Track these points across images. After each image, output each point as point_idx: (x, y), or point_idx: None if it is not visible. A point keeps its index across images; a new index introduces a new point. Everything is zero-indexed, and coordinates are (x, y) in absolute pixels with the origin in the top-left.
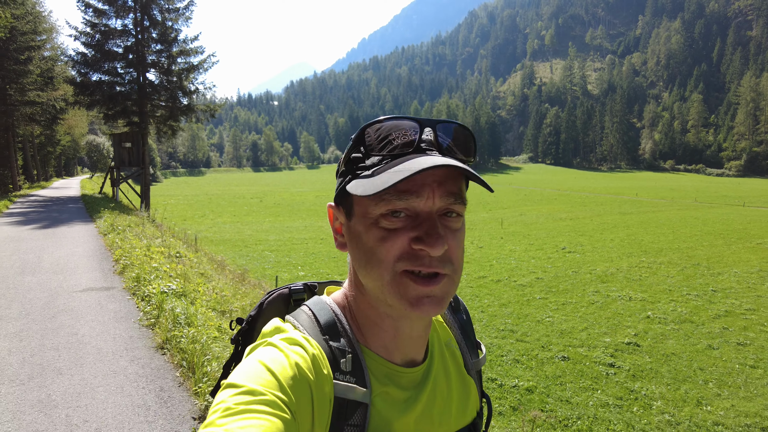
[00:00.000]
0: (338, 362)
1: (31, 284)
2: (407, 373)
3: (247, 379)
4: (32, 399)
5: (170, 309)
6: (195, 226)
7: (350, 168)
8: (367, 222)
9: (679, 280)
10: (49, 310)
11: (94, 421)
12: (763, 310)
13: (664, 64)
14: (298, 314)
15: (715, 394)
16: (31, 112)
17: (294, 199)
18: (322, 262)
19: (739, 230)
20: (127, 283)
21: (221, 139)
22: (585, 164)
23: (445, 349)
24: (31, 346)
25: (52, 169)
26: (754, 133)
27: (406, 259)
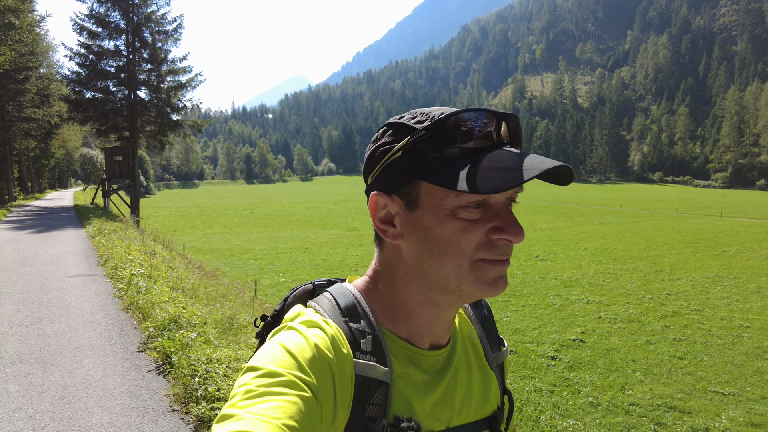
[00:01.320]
0: (358, 342)
1: (29, 272)
2: (430, 356)
3: (268, 362)
4: (33, 334)
5: (135, 284)
6: (185, 237)
7: (417, 158)
8: (442, 213)
9: (638, 285)
10: (45, 288)
11: (75, 344)
12: (707, 311)
13: (653, 77)
14: (319, 299)
15: (639, 380)
16: (27, 128)
17: (285, 210)
18: (303, 270)
19: (709, 239)
20: (107, 271)
21: (215, 151)
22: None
23: (468, 340)
24: (32, 308)
25: (46, 181)
26: (739, 146)
27: (484, 249)
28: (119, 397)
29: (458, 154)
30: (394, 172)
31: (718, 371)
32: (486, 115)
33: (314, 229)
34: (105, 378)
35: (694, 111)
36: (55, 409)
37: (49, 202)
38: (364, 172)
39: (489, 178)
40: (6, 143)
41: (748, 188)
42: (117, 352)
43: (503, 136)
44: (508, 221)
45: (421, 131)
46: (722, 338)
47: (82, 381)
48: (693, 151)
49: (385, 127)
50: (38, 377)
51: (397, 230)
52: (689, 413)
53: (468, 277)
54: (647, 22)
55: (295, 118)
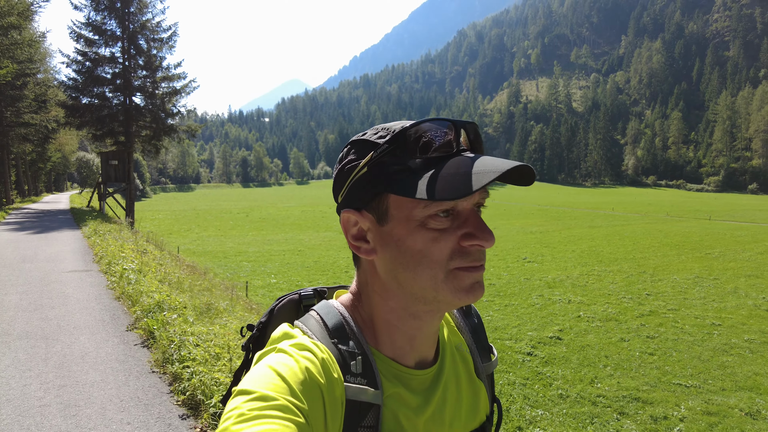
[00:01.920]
0: (348, 365)
1: (30, 268)
2: (418, 375)
3: (259, 385)
4: (36, 317)
5: (126, 276)
6: (180, 240)
7: (381, 171)
8: (412, 225)
9: (620, 286)
10: (45, 281)
11: (73, 325)
12: (683, 310)
13: (647, 82)
14: (306, 319)
15: (609, 374)
16: (25, 133)
17: (280, 213)
18: (295, 272)
19: (695, 242)
20: (101, 266)
21: (212, 155)
22: (569, 180)
23: (456, 352)
24: (34, 297)
25: (43, 184)
26: (731, 150)
27: (458, 257)
28: (109, 363)
29: (420, 164)
30: (361, 187)
31: (684, 366)
32: (445, 125)
33: (308, 232)
34: (98, 349)
35: (688, 115)
36: (57, 371)
37: (45, 205)
38: (334, 191)
39: (448, 185)
40: (4, 148)
41: (740, 192)
42: (108, 330)
43: (463, 143)
44: (478, 226)
45: (383, 145)
46: (693, 335)
47: (78, 351)
48: (686, 156)
49: (349, 145)
50: (42, 349)
51: (371, 245)
52: (651, 403)
53: (444, 287)
54: (641, 28)
55: (292, 121)
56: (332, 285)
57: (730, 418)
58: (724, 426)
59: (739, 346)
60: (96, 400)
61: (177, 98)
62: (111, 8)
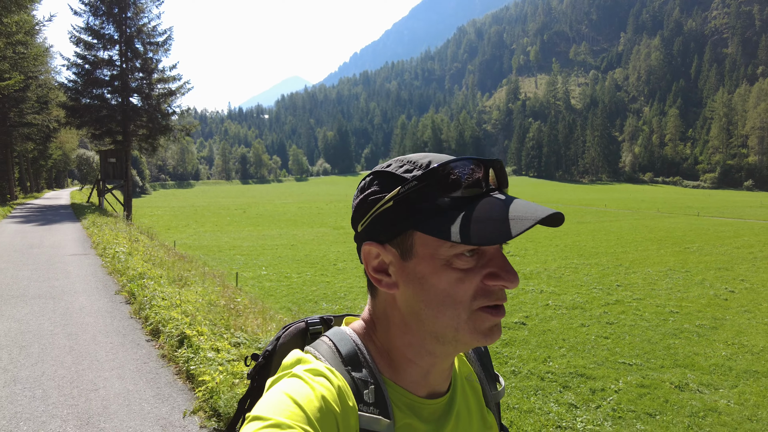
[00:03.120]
0: (361, 393)
1: (37, 253)
2: (429, 404)
3: (274, 412)
4: (45, 285)
5: (117, 257)
6: (177, 235)
7: (408, 208)
8: (438, 263)
9: (594, 278)
10: (50, 261)
11: (73, 290)
12: (647, 299)
13: (645, 79)
14: (318, 345)
15: (561, 355)
16: (27, 132)
17: (277, 210)
18: (285, 264)
19: (677, 237)
20: (98, 251)
21: (211, 152)
22: (567, 177)
23: (466, 383)
24: (42, 272)
25: (44, 181)
26: (728, 147)
27: (481, 297)
28: (100, 312)
29: (449, 203)
30: (385, 221)
31: (633, 347)
32: (473, 163)
33: (303, 227)
34: (92, 305)
35: (685, 112)
36: (62, 316)
37: (47, 201)
38: (353, 220)
39: (482, 230)
40: (7, 146)
41: (736, 189)
42: (101, 294)
43: (491, 182)
44: (503, 267)
45: (412, 181)
46: (650, 321)
47: (78, 306)
48: (683, 152)
49: (372, 175)
50: (51, 304)
51: (392, 279)
52: (593, 378)
53: (465, 327)
54: (640, 25)
55: (291, 118)
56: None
57: (660, 389)
58: (652, 396)
59: (689, 330)
60: (89, 331)
61: (172, 99)
62: (109, 13)
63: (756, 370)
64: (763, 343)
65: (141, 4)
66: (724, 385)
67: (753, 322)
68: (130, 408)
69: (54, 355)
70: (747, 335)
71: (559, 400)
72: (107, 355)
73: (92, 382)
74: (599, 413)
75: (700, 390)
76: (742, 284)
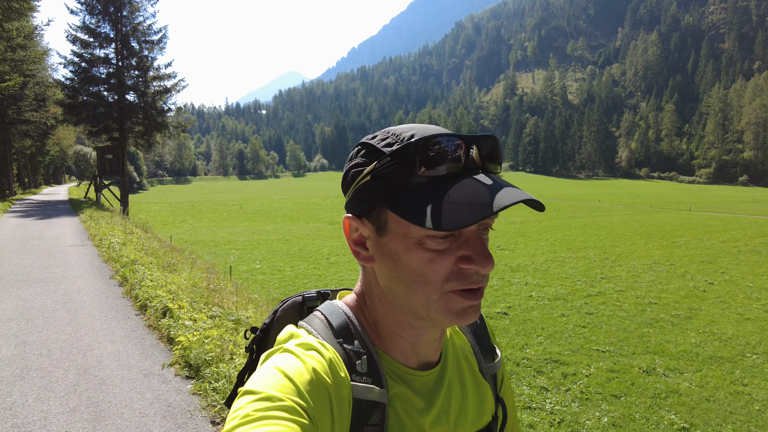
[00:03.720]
0: (354, 364)
1: (38, 244)
2: (421, 375)
3: (265, 386)
4: (47, 272)
5: (112, 246)
6: (174, 230)
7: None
8: (410, 242)
9: (579, 271)
10: (51, 252)
11: (72, 275)
12: (629, 291)
13: (642, 74)
14: (311, 319)
15: (539, 342)
16: (26, 129)
17: (273, 205)
18: (279, 258)
19: (667, 231)
20: (94, 242)
21: (209, 147)
22: (563, 172)
23: (460, 353)
24: (44, 261)
25: (41, 177)
26: (723, 142)
27: (454, 279)
28: (96, 293)
29: (424, 182)
30: (363, 196)
31: (609, 336)
32: (455, 140)
33: (298, 223)
34: (89, 287)
35: (682, 108)
36: (63, 296)
37: (45, 197)
38: (342, 188)
39: (454, 215)
40: (6, 143)
41: (731, 184)
42: (97, 278)
43: (475, 160)
44: (478, 250)
45: (386, 157)
46: (628, 312)
47: (76, 288)
48: (679, 148)
49: (359, 146)
50: (53, 286)
51: (369, 253)
52: (567, 364)
53: (437, 307)
54: (637, 20)
55: (289, 114)
56: (335, 288)
57: (628, 374)
58: (620, 379)
59: (664, 320)
60: (86, 308)
61: (167, 96)
62: (105, 12)
63: (721, 356)
64: (732, 331)
65: (136, 3)
66: (689, 369)
67: (726, 312)
68: (119, 363)
69: (56, 325)
70: (718, 324)
71: (531, 383)
72: (101, 326)
73: (88, 345)
74: (568, 395)
75: (665, 374)
76: (722, 276)
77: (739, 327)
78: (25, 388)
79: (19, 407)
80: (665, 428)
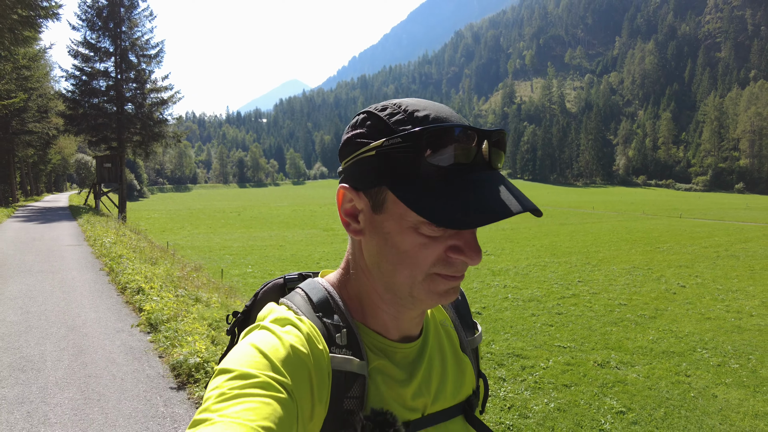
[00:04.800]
0: (333, 337)
1: (39, 244)
2: (402, 348)
3: (240, 363)
4: (47, 265)
5: (104, 245)
6: (171, 236)
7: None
8: (404, 224)
9: (559, 275)
10: (50, 250)
11: (68, 267)
12: (602, 293)
13: (639, 83)
14: (292, 296)
15: (505, 339)
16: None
17: (271, 213)
18: (271, 263)
19: (653, 237)
20: (89, 243)
21: (209, 156)
22: (561, 180)
23: (441, 328)
24: (44, 257)
25: (43, 185)
26: (720, 150)
27: (440, 264)
28: (87, 281)
29: (432, 172)
30: (364, 170)
31: (573, 334)
32: (468, 132)
33: (294, 229)
34: (81, 276)
35: (679, 116)
36: (59, 283)
37: (47, 204)
38: (340, 154)
39: (452, 213)
40: (10, 152)
41: (727, 191)
42: (89, 270)
43: (484, 154)
44: (469, 243)
45: (396, 138)
46: (596, 312)
47: (71, 277)
48: (676, 156)
49: (365, 114)
50: (50, 276)
51: (360, 226)
52: (527, 358)
53: (420, 287)
54: (635, 29)
55: (289, 122)
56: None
57: (583, 367)
58: (574, 372)
59: (630, 319)
60: (77, 290)
61: (164, 107)
62: (104, 27)
63: (673, 351)
64: (690, 329)
65: (135, 18)
66: (640, 362)
67: (690, 312)
68: (99, 324)
69: (52, 301)
70: (679, 323)
71: (491, 375)
72: (88, 302)
73: (77, 313)
74: (523, 385)
75: (618, 367)
76: (695, 280)
77: (697, 325)
78: (28, 337)
79: (24, 348)
80: (605, 412)
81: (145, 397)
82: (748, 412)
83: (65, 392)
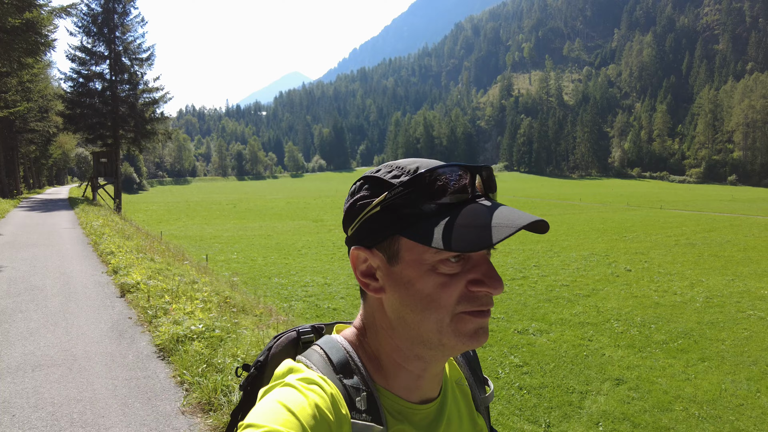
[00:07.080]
0: (353, 401)
1: (41, 227)
2: (421, 409)
3: (267, 420)
4: (47, 241)
5: (93, 227)
6: (167, 227)
7: (395, 213)
8: (423, 268)
9: (518, 260)
10: (50, 231)
11: (65, 243)
12: (551, 276)
13: (637, 75)
14: (310, 354)
15: None
16: (31, 137)
17: (266, 205)
18: (255, 250)
19: (625, 227)
20: (82, 226)
21: (209, 149)
22: (557, 172)
23: (456, 387)
24: (45, 236)
25: (45, 178)
26: (714, 142)
27: (465, 301)
28: (77, 250)
29: (434, 209)
30: (373, 226)
31: (508, 308)
32: (460, 170)
33: (285, 221)
34: (73, 248)
35: (676, 108)
36: (56, 252)
37: (48, 196)
38: (344, 224)
39: (464, 236)
40: (13, 149)
41: (720, 183)
42: (79, 244)
43: (478, 188)
44: (488, 273)
45: (398, 187)
46: (538, 291)
47: (66, 250)
48: (671, 148)
49: (361, 180)
50: (50, 248)
51: (379, 284)
52: None
53: (449, 330)
54: (634, 21)
55: (288, 115)
56: (329, 322)
57: (504, 333)
58: (493, 336)
59: (565, 297)
60: (69, 255)
61: (155, 107)
62: (100, 33)
63: (588, 322)
64: (613, 305)
65: (127, 24)
66: (554, 330)
67: (623, 292)
68: (81, 271)
69: (52, 260)
70: (608, 301)
71: None
72: (76, 261)
73: (68, 266)
74: None
75: (534, 334)
76: (643, 265)
77: (622, 302)
78: (35, 276)
79: (32, 281)
80: (505, 366)
81: (101, 300)
82: (623, 364)
83: (56, 299)
